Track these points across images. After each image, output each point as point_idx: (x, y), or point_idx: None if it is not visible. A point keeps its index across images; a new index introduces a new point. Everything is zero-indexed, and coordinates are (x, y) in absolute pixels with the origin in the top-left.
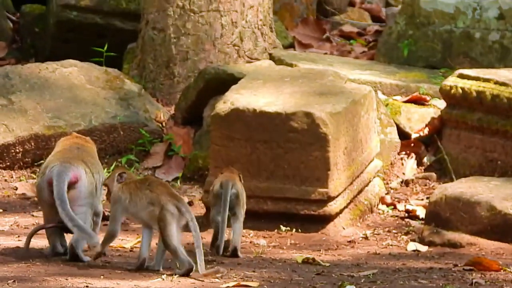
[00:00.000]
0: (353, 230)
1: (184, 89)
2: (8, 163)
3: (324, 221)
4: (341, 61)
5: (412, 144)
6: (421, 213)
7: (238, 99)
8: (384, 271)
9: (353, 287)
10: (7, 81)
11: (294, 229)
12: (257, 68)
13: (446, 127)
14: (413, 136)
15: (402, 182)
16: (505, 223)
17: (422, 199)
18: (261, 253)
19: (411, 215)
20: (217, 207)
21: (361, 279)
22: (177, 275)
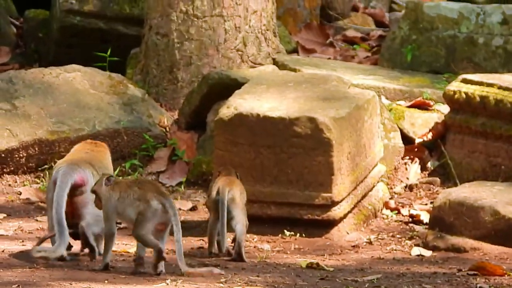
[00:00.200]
0: (357, 235)
1: (188, 94)
2: (12, 168)
3: (328, 226)
4: (344, 66)
5: (416, 149)
6: (425, 218)
7: (241, 104)
8: (388, 276)
9: None
10: (10, 86)
11: (298, 234)
12: (260, 73)
13: (449, 132)
14: (417, 141)
15: (406, 187)
16: (509, 227)
17: (426, 204)
18: (265, 257)
19: (415, 220)
20: (215, 212)
21: (365, 284)
22: (154, 264)
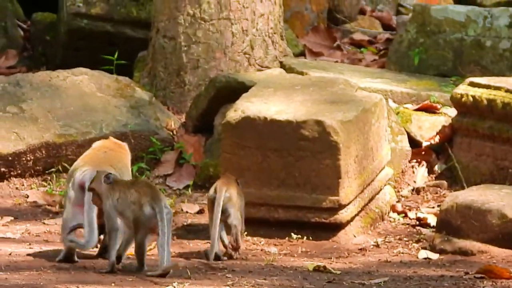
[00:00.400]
0: (364, 238)
1: (195, 97)
2: (19, 171)
3: (335, 229)
4: (351, 69)
5: (423, 152)
6: (432, 221)
7: (249, 107)
8: (395, 279)
9: None
10: (18, 89)
11: (305, 237)
12: (267, 76)
13: (457, 135)
14: (424, 144)
15: (413, 190)
16: None
17: (433, 207)
18: (272, 261)
19: (422, 223)
20: (211, 212)
21: (372, 287)
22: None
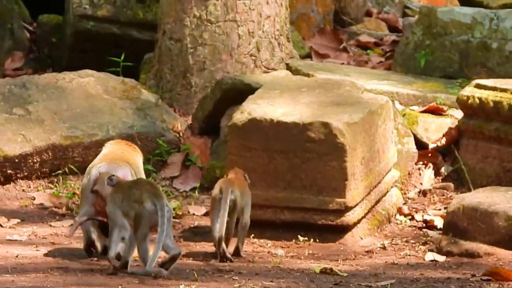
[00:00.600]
0: (370, 240)
1: (201, 99)
2: (26, 173)
3: (341, 231)
4: (358, 71)
5: (430, 154)
6: (439, 223)
7: (255, 109)
8: (402, 281)
9: None
10: (24, 91)
11: (312, 239)
12: (274, 78)
13: (463, 137)
14: (431, 146)
15: (419, 192)
16: None
17: (439, 209)
18: (279, 263)
19: (428, 225)
20: (215, 211)
21: None
22: (133, 272)
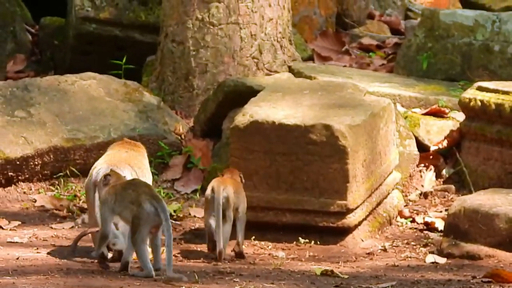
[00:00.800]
0: (371, 242)
1: (203, 101)
2: (27, 176)
3: (343, 233)
4: (360, 73)
5: (431, 157)
6: (440, 225)
7: (257, 111)
8: (403, 283)
9: None
10: (26, 93)
11: (313, 241)
12: (276, 81)
13: (465, 139)
14: (432, 148)
15: (421, 195)
16: None
17: (440, 211)
18: (279, 265)
19: (429, 227)
20: (209, 211)
21: None
22: (134, 275)
